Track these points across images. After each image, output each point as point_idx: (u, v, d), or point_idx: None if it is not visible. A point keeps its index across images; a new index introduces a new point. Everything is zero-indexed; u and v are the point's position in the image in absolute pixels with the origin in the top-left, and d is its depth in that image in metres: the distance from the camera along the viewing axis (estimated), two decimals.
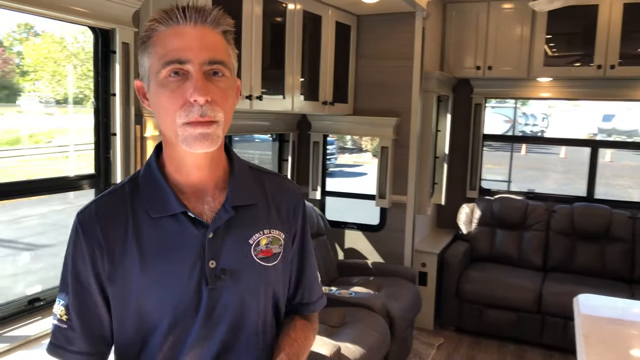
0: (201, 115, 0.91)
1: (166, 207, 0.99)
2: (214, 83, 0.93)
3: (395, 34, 3.79)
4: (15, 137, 9.55)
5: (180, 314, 0.98)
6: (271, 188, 1.11)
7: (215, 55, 0.94)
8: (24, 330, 2.10)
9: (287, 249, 1.09)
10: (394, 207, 3.92)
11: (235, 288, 1.00)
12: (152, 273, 0.97)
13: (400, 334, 3.21)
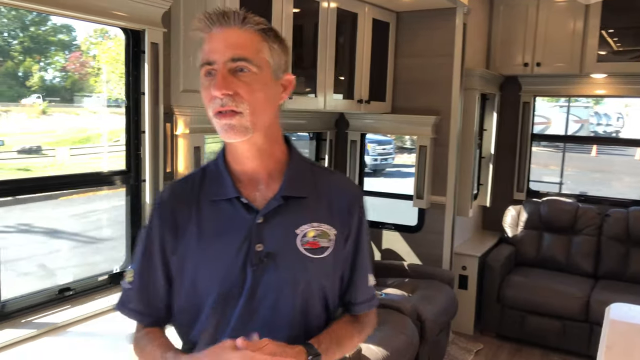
0: (222, 105, 1.02)
1: (223, 192, 1.10)
2: (239, 78, 1.02)
3: (435, 31, 3.70)
4: (86, 135, 10.05)
5: (226, 290, 1.07)
6: (327, 185, 1.16)
7: (238, 52, 1.02)
8: (52, 318, 2.20)
9: (338, 245, 1.12)
10: (433, 208, 3.83)
11: (276, 272, 1.07)
12: (206, 250, 1.09)
13: (431, 337, 3.13)
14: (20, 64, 23.03)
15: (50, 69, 23.32)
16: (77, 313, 2.28)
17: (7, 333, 2.05)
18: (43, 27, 23.11)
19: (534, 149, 4.76)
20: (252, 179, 1.12)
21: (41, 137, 16.81)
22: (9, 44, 22.79)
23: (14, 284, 2.37)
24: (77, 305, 2.34)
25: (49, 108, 20.89)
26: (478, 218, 4.66)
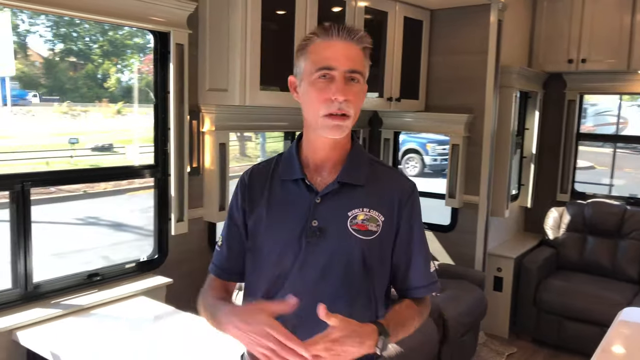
0: (339, 109, 1.18)
1: (292, 173, 1.29)
2: (350, 86, 1.20)
3: (469, 28, 3.64)
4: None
5: (284, 256, 1.25)
6: (382, 177, 1.31)
7: (355, 65, 1.20)
8: (78, 300, 2.38)
9: (385, 230, 1.26)
10: (466, 208, 3.77)
11: (326, 246, 1.23)
12: (272, 220, 1.28)
13: (455, 337, 3.10)
14: (99, 67, 24.39)
15: (127, 71, 24.17)
16: (102, 297, 2.45)
17: (37, 312, 2.24)
18: (120, 31, 24.09)
19: (599, 150, 4.58)
20: (319, 165, 1.29)
21: (114, 135, 17.72)
22: (90, 47, 24.08)
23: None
24: (104, 289, 2.51)
25: (123, 108, 21.87)
26: (519, 219, 4.53)
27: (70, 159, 13.22)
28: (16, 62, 21.18)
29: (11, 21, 20.33)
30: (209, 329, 1.27)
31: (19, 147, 14.80)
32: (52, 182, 2.50)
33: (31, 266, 2.31)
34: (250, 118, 3.03)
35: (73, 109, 22.43)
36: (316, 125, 1.22)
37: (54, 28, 25.69)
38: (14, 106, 19.21)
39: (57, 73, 23.78)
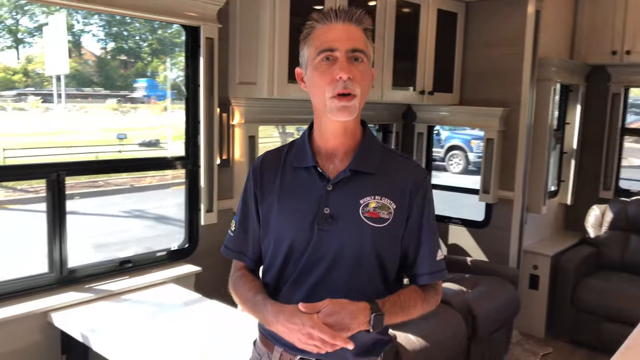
0: (344, 87, 1.19)
1: (303, 161, 1.30)
2: (355, 66, 1.20)
3: (506, 19, 3.55)
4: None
5: (297, 241, 1.27)
6: (394, 165, 1.31)
7: (357, 45, 1.21)
8: (110, 286, 2.47)
9: (397, 218, 1.26)
10: (500, 204, 3.69)
11: (337, 233, 1.24)
12: (285, 206, 1.30)
13: (484, 334, 3.04)
14: (148, 65, 25.08)
15: (175, 69, 24.60)
16: (134, 283, 2.54)
17: (71, 295, 2.35)
18: (169, 29, 24.72)
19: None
20: (330, 153, 1.29)
21: (161, 131, 18.19)
22: (140, 46, 24.78)
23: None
24: (135, 276, 2.60)
25: (172, 105, 22.29)
26: (558, 216, 4.40)
27: (119, 153, 13.68)
28: (70, 60, 22.06)
29: (67, 21, 21.08)
30: (232, 316, 1.33)
31: (73, 142, 15.42)
32: (85, 172, 2.62)
33: (66, 252, 2.41)
34: (280, 111, 3.06)
35: (123, 106, 23.15)
36: (324, 109, 1.23)
37: (106, 27, 26.17)
38: (68, 103, 19.91)
39: (108, 71, 24.56)
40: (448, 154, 12.94)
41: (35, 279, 2.37)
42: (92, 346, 2.04)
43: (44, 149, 13.21)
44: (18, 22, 23.18)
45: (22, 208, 8.72)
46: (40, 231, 2.42)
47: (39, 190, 9.38)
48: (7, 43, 22.63)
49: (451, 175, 12.31)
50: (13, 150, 12.13)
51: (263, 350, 1.37)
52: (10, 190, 9.45)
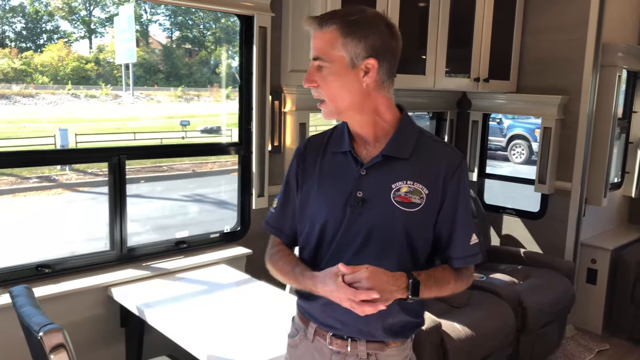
0: (314, 94, 1.31)
1: (340, 146, 1.36)
2: (318, 72, 1.27)
3: (568, 3, 3.42)
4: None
5: (329, 223, 1.32)
6: (429, 150, 1.33)
7: (318, 52, 1.27)
8: (165, 264, 2.61)
9: (429, 203, 1.28)
10: (557, 195, 3.58)
11: (368, 216, 1.28)
12: (322, 188, 1.36)
13: (535, 327, 2.99)
14: (212, 53, 25.47)
15: (237, 57, 25.01)
16: (188, 263, 2.66)
17: (129, 272, 2.50)
18: (232, 18, 24.87)
19: None
20: (363, 140, 1.34)
21: (223, 118, 18.61)
22: (204, 35, 25.20)
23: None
24: (189, 256, 2.73)
25: (232, 93, 22.76)
26: (621, 209, 4.21)
27: (182, 139, 14.15)
28: (138, 49, 22.76)
29: (135, 11, 21.63)
30: (279, 297, 1.40)
31: (139, 128, 16.06)
32: (143, 156, 2.76)
33: (126, 231, 2.56)
34: None
35: (187, 94, 23.84)
36: None
37: (172, 17, 26.70)
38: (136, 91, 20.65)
39: (174, 59, 25.25)
40: (510, 144, 12.56)
41: (98, 255, 2.54)
42: (148, 320, 2.17)
43: (111, 134, 13.88)
44: (91, 13, 24.26)
45: (91, 190, 9.21)
46: (103, 212, 2.58)
47: (107, 174, 9.87)
48: (80, 33, 23.74)
49: (513, 166, 11.96)
50: (84, 136, 12.81)
51: (300, 325, 1.44)
52: (81, 174, 10.00)
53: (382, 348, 1.34)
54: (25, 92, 17.43)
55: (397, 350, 1.36)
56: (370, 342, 1.33)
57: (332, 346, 1.35)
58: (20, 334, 1.84)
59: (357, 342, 1.33)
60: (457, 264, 1.35)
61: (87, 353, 2.30)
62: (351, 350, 1.33)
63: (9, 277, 2.25)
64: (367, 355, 1.33)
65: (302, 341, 1.42)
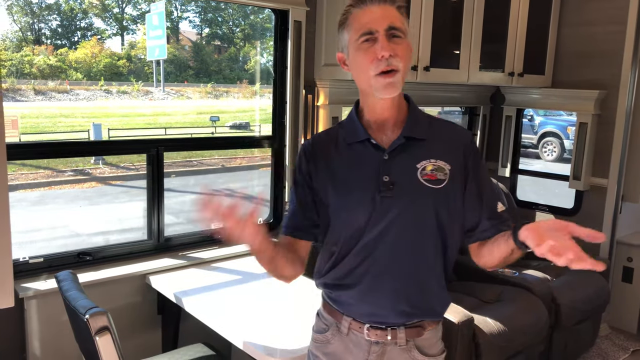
0: (387, 65, 1.24)
1: (356, 135, 1.35)
2: (395, 42, 1.26)
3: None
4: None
5: (359, 214, 1.30)
6: (441, 130, 1.38)
7: (394, 22, 1.26)
8: (201, 254, 2.67)
9: (453, 179, 1.31)
10: (593, 191, 3.53)
11: (400, 198, 1.28)
12: (345, 181, 1.34)
13: (568, 324, 2.95)
14: (240, 50, 25.70)
15: (265, 53, 25.05)
16: (222, 253, 2.71)
17: (166, 261, 2.57)
18: (261, 14, 24.79)
19: None
20: (381, 125, 1.35)
21: (252, 114, 18.72)
22: (232, 31, 25.54)
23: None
24: (224, 247, 2.77)
25: (261, 89, 22.86)
26: None
27: (212, 135, 14.32)
28: (168, 46, 23.05)
29: (166, 8, 21.93)
30: (311, 288, 1.41)
31: (170, 123, 16.29)
32: (181, 148, 2.82)
33: (163, 221, 2.63)
34: None
35: (216, 90, 24.01)
36: (370, 88, 1.28)
37: (202, 14, 27.22)
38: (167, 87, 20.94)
39: (203, 56, 25.55)
40: (542, 141, 12.36)
41: (136, 244, 2.61)
42: (185, 307, 2.22)
43: (143, 129, 14.13)
44: (123, 10, 24.67)
45: (123, 184, 9.42)
46: (138, 204, 2.64)
47: (139, 168, 10.08)
48: (113, 30, 24.19)
49: (544, 163, 11.78)
50: (116, 131, 13.09)
51: (331, 320, 1.41)
52: (114, 168, 10.23)
53: (420, 333, 1.35)
54: (60, 88, 17.89)
55: (432, 333, 1.38)
56: (408, 328, 1.34)
57: (371, 337, 1.34)
58: (63, 318, 1.91)
59: (397, 330, 1.33)
60: (490, 233, 1.35)
61: (125, 338, 2.36)
62: (391, 338, 1.34)
63: (53, 264, 2.33)
64: (406, 342, 1.34)
65: (335, 336, 1.40)
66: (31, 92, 16.82)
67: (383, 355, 1.35)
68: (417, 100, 1.40)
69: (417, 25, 2.86)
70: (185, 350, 2.23)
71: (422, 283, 1.33)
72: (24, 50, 19.63)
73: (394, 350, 1.34)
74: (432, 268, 1.34)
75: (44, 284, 2.23)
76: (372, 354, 1.35)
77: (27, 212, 7.48)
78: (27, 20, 20.38)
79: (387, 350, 1.34)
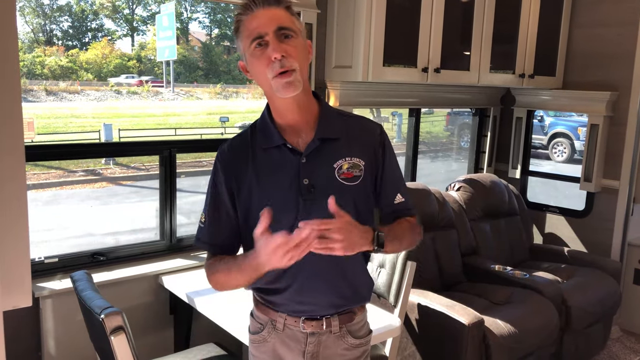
0: (281, 66, 1.24)
1: (272, 140, 1.35)
2: (286, 43, 1.26)
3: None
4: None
5: (282, 219, 1.28)
6: (354, 127, 1.41)
7: (282, 23, 1.27)
8: None
9: (367, 174, 1.37)
10: (604, 193, 3.51)
11: (322, 200, 1.25)
12: (264, 187, 1.34)
13: (579, 326, 2.95)
14: None
15: None
16: None
17: (178, 261, 2.59)
18: None
19: None
20: (295, 129, 1.35)
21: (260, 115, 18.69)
22: None
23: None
24: None
25: None
26: None
27: (221, 135, 14.36)
28: (178, 47, 23.22)
29: (176, 9, 22.18)
30: None
31: (180, 124, 16.38)
32: (192, 150, 2.85)
33: (175, 222, 2.65)
34: (374, 94, 3.11)
35: (226, 90, 24.13)
36: (271, 90, 1.29)
37: (211, 15, 27.54)
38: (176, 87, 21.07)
39: (213, 56, 25.71)
40: (552, 142, 12.30)
41: (149, 245, 2.64)
42: (197, 307, 2.25)
43: (153, 129, 14.21)
44: (134, 11, 24.83)
45: (134, 184, 9.49)
46: (149, 204, 2.67)
47: (149, 168, 10.15)
48: (123, 31, 24.36)
49: (554, 164, 11.71)
50: (127, 131, 13.18)
51: (265, 319, 1.43)
52: (124, 168, 10.30)
53: (351, 318, 1.42)
54: (71, 88, 18.04)
55: (361, 317, 1.46)
56: (341, 314, 1.40)
57: (307, 329, 1.38)
58: (78, 317, 1.94)
59: (331, 319, 1.39)
60: (406, 214, 1.43)
61: (138, 338, 2.37)
62: (326, 327, 1.39)
63: (67, 264, 2.36)
64: (339, 329, 1.40)
65: (271, 333, 1.42)
66: (43, 93, 16.96)
67: (319, 344, 1.40)
68: (427, 102, 1.42)
69: (428, 27, 2.87)
70: (197, 350, 2.26)
71: (350, 274, 1.39)
72: (35, 51, 19.82)
73: (329, 338, 1.40)
74: (357, 258, 1.36)
75: (59, 283, 2.26)
76: (309, 344, 1.40)
77: (40, 212, 7.56)
78: (39, 22, 20.57)
79: (323, 339, 1.40)
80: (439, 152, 12.92)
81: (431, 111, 11.96)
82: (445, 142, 13.55)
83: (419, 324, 2.66)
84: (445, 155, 12.69)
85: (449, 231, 3.21)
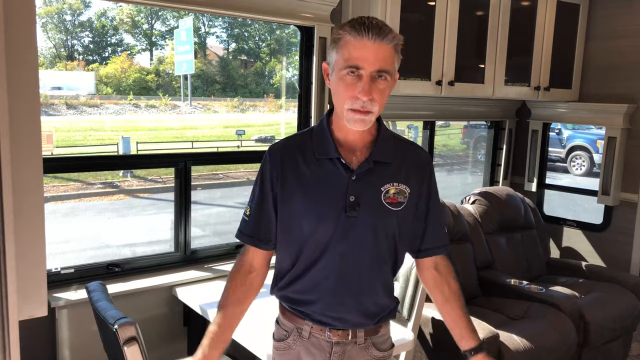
0: (362, 107, 1.27)
1: (327, 152, 1.37)
2: (377, 84, 1.27)
3: (634, 8, 3.32)
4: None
5: (322, 230, 1.35)
6: (405, 153, 1.43)
7: (383, 65, 1.26)
8: (226, 267, 2.70)
9: (411, 200, 1.40)
10: (623, 206, 3.46)
11: (364, 218, 1.35)
12: (310, 195, 1.36)
13: (597, 342, 2.90)
14: (266, 64, 26.01)
15: (291, 68, 25.28)
16: None
17: (192, 273, 2.60)
18: (287, 29, 25.05)
19: None
20: (351, 146, 1.38)
21: (277, 128, 18.83)
22: (259, 46, 25.83)
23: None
24: None
25: (287, 103, 23.01)
26: None
27: (237, 148, 14.47)
28: (196, 61, 23.43)
29: (194, 24, 22.30)
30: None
31: (197, 137, 16.52)
32: (208, 162, 2.88)
33: (190, 234, 2.67)
34: (390, 107, 3.04)
35: (243, 104, 24.27)
36: (342, 115, 1.31)
37: (228, 29, 27.73)
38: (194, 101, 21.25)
39: (230, 70, 25.88)
40: (570, 155, 12.16)
41: (163, 257, 2.66)
42: (210, 319, 2.25)
43: (171, 142, 14.36)
44: (152, 26, 25.18)
45: (151, 197, 9.57)
46: (165, 216, 2.69)
47: (166, 181, 10.24)
48: (142, 46, 24.71)
49: (573, 177, 11.57)
50: (145, 144, 13.33)
51: (291, 326, 1.44)
52: (141, 180, 10.41)
53: (377, 331, 1.46)
54: (91, 102, 18.34)
55: (385, 330, 1.50)
56: (367, 328, 1.44)
57: (333, 338, 1.40)
58: (92, 327, 1.96)
59: (357, 331, 1.42)
60: (436, 252, 1.48)
61: (152, 349, 2.39)
62: (352, 338, 1.41)
63: (83, 275, 2.39)
64: (364, 341, 1.43)
65: (297, 341, 1.43)
66: (63, 107, 17.25)
67: (344, 354, 1.41)
68: (441, 115, 1.43)
69: (442, 40, 2.88)
70: None
71: (380, 293, 1.42)
72: (57, 66, 20.19)
73: (354, 349, 1.42)
74: (387, 280, 1.45)
75: (74, 294, 2.28)
76: (334, 354, 1.41)
77: (59, 224, 7.65)
78: (61, 37, 21.00)
79: (348, 349, 1.42)
80: (455, 164, 12.84)
81: (447, 124, 11.92)
82: (461, 155, 13.47)
83: (432, 338, 2.63)
84: (462, 168, 12.61)
85: (463, 244, 3.18)
